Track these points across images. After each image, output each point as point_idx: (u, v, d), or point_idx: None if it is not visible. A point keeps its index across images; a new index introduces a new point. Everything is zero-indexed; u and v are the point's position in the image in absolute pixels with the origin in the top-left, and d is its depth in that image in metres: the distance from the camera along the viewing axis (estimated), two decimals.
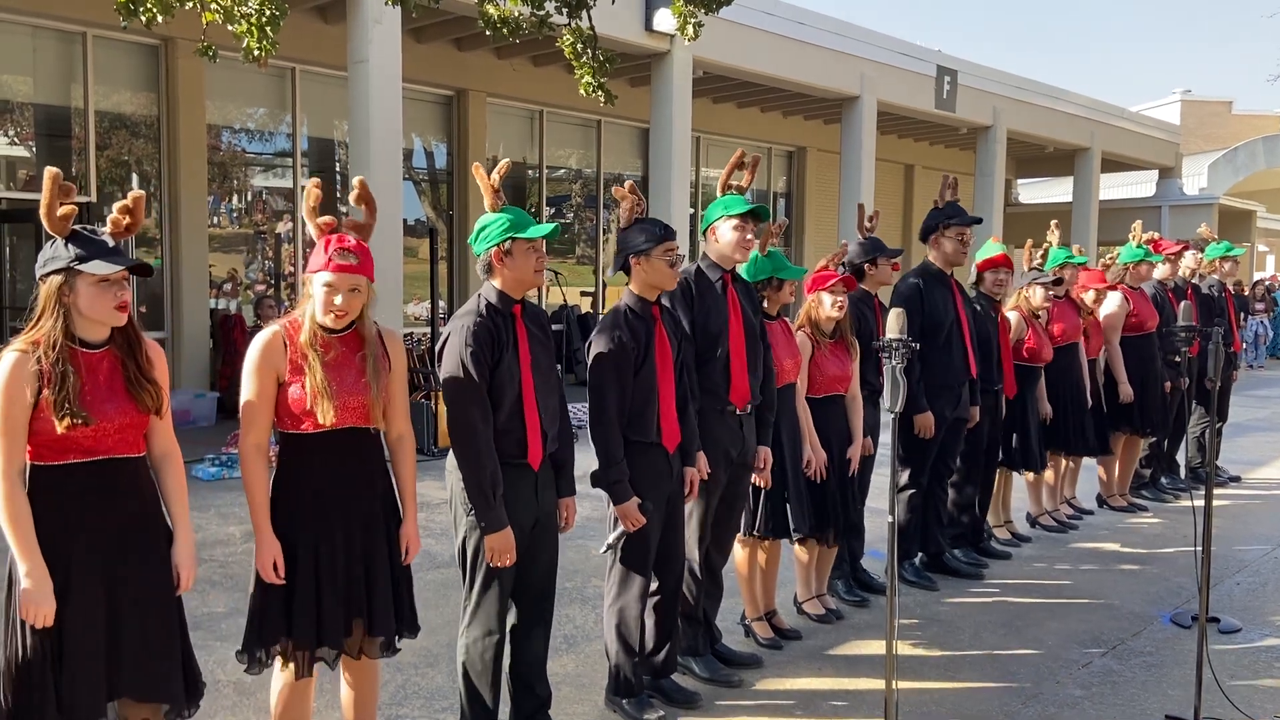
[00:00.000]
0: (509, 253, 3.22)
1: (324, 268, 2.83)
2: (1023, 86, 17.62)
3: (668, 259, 3.59)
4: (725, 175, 4.05)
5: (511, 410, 3.19)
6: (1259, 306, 19.17)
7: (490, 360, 3.15)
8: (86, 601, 2.52)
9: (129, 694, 2.59)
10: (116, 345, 2.60)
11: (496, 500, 3.13)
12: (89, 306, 2.51)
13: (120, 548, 2.57)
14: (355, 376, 2.87)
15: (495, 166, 3.29)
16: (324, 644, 2.88)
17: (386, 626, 2.96)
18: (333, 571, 2.86)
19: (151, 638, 2.61)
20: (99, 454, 2.53)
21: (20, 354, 2.47)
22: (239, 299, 11.69)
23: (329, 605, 2.86)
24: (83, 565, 2.52)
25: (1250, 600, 5.25)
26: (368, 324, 2.93)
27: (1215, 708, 3.81)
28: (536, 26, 5.91)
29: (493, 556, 3.17)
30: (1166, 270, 7.43)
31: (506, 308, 3.24)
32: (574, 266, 15.42)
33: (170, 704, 2.64)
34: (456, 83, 13.03)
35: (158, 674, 2.61)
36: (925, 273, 5.37)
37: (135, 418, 2.59)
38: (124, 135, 10.63)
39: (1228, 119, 31.65)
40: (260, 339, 2.87)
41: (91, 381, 2.52)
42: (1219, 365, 3.86)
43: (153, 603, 2.62)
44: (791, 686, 4.09)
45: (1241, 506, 7.38)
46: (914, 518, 5.41)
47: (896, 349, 2.89)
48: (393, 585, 2.99)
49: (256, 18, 4.82)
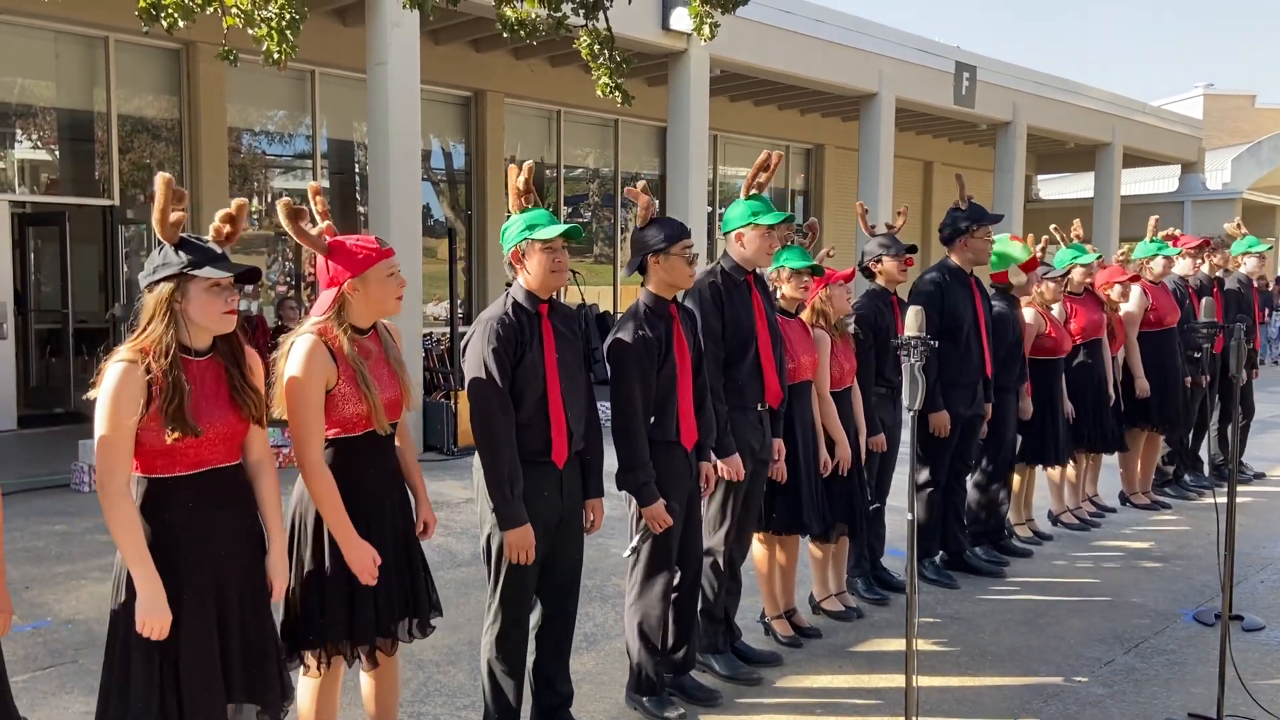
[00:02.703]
0: (525, 254, 3.25)
1: (382, 255, 2.87)
2: (1042, 82, 17.50)
3: (685, 257, 3.61)
4: (751, 178, 4.05)
5: (535, 408, 3.21)
6: None
7: (513, 359, 3.18)
8: (201, 609, 2.51)
9: (236, 697, 2.59)
10: (220, 353, 2.58)
11: (515, 497, 3.16)
12: (200, 312, 2.49)
13: (227, 557, 2.57)
14: (388, 375, 2.93)
15: (520, 167, 3.31)
16: (383, 634, 2.92)
17: (423, 608, 3.03)
18: (386, 567, 2.89)
19: (250, 642, 2.61)
20: (204, 465, 2.52)
21: (129, 363, 2.42)
22: (260, 300, 11.78)
23: (384, 601, 2.90)
24: (195, 576, 2.51)
25: (1274, 598, 5.21)
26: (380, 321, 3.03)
27: (1239, 706, 3.79)
28: (553, 28, 5.93)
29: (511, 553, 3.19)
30: (1189, 266, 7.37)
31: (533, 307, 3.27)
32: (592, 266, 15.44)
33: (265, 705, 2.66)
34: (474, 84, 13.08)
35: (259, 677, 2.63)
36: (945, 270, 5.35)
37: (238, 426, 2.58)
38: (146, 139, 10.73)
39: (1251, 113, 31.31)
40: (305, 349, 2.78)
41: (198, 391, 2.49)
42: (1241, 361, 3.84)
43: (252, 608, 2.63)
44: (812, 684, 4.10)
45: (1265, 504, 7.32)
46: (934, 516, 5.40)
47: (915, 347, 2.89)
48: (424, 572, 3.08)
49: (276, 22, 4.87)
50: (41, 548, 5.96)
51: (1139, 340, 6.82)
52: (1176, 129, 21.85)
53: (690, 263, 3.62)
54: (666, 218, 3.70)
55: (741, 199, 4.04)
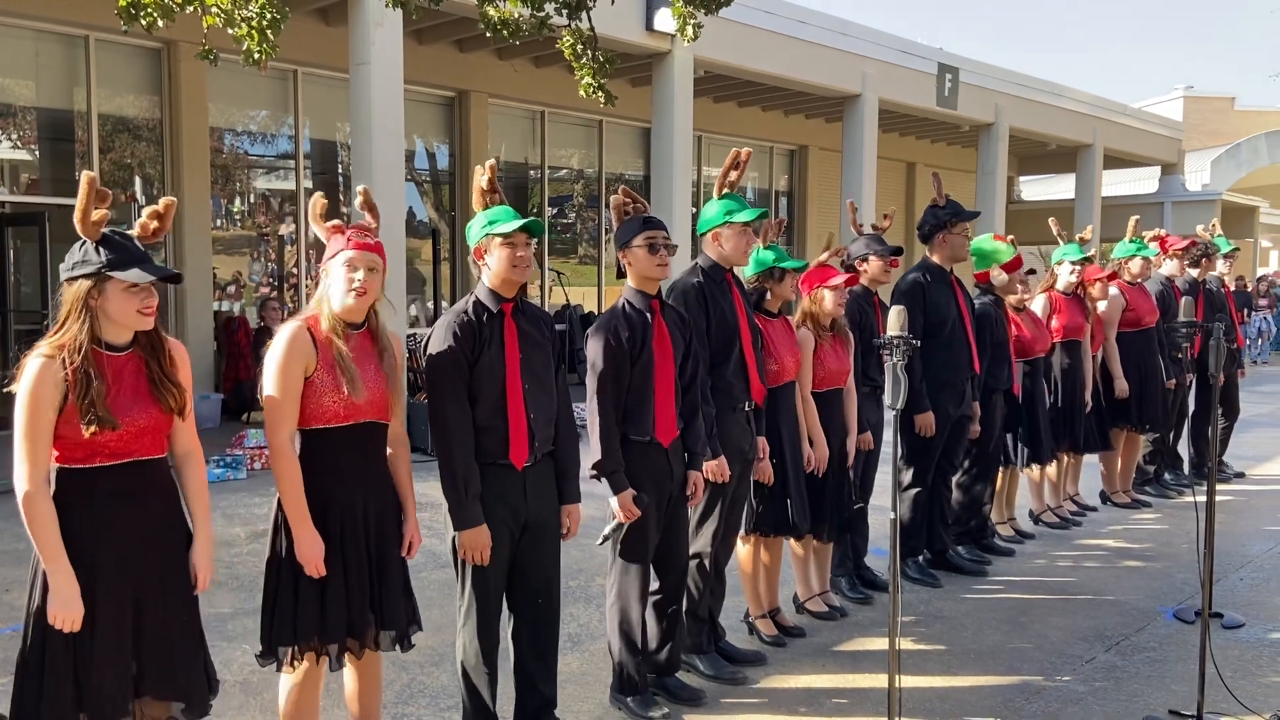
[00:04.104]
0: (487, 250, 3.24)
1: (345, 246, 2.90)
2: (1024, 84, 17.61)
3: (647, 244, 3.61)
4: (722, 177, 4.06)
5: (493, 408, 3.19)
6: (1263, 303, 19.14)
7: (469, 357, 3.16)
8: (114, 603, 2.53)
9: (151, 693, 2.61)
10: (140, 347, 2.61)
11: (470, 497, 3.14)
12: (117, 311, 2.51)
13: (146, 548, 2.59)
14: (375, 371, 2.93)
15: (483, 167, 3.32)
16: (353, 635, 2.91)
17: (397, 621, 2.99)
18: (359, 564, 2.90)
19: (174, 637, 2.63)
20: (124, 456, 2.54)
21: (46, 359, 2.47)
22: (243, 301, 11.72)
23: (357, 599, 2.89)
24: (111, 567, 2.53)
25: (1254, 595, 5.25)
26: (379, 321, 3.01)
27: (1219, 703, 3.81)
28: (536, 28, 5.92)
29: (465, 554, 3.18)
30: (1175, 267, 7.43)
31: (496, 306, 3.25)
32: (576, 266, 15.44)
33: (188, 702, 2.67)
34: (458, 84, 13.05)
35: (178, 673, 2.63)
36: (926, 269, 5.37)
37: (159, 419, 2.60)
38: (127, 138, 10.66)
39: (1230, 115, 31.61)
40: (286, 333, 2.86)
41: (117, 384, 2.53)
42: (1220, 360, 3.87)
43: (175, 602, 2.64)
44: (795, 684, 4.10)
45: (1245, 502, 7.38)
46: (918, 515, 5.42)
47: (898, 346, 2.90)
48: (402, 580, 3.04)
49: (257, 21, 4.84)
50: (23, 550, 5.88)
51: (1118, 341, 6.87)
52: (1157, 131, 22.03)
53: (654, 250, 3.62)
54: (636, 215, 3.70)
55: (715, 198, 4.05)
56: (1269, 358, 19.02)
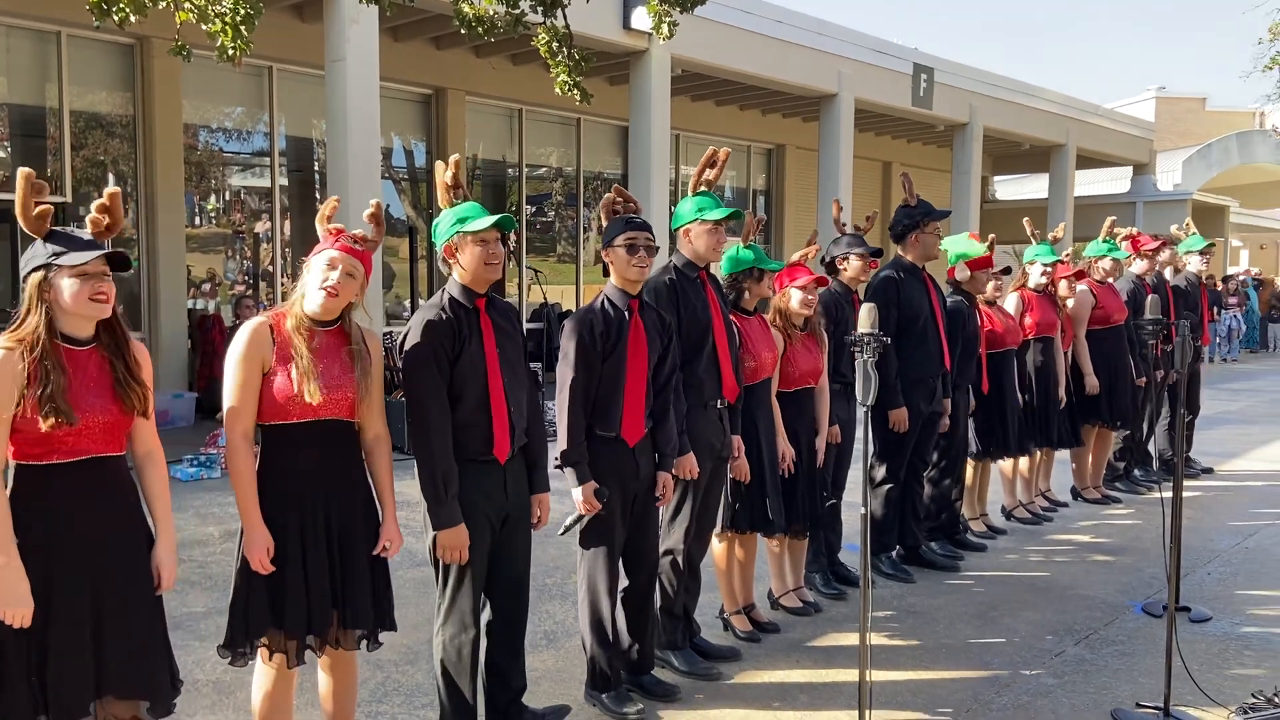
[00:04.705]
0: (458, 247, 3.25)
1: (329, 246, 2.92)
2: (998, 84, 17.75)
3: (625, 245, 3.63)
4: (697, 175, 4.08)
5: (476, 404, 3.20)
6: (1232, 300, 19.38)
7: (450, 354, 3.17)
8: (72, 600, 2.52)
9: (113, 692, 2.60)
10: (103, 344, 2.61)
11: (449, 497, 3.14)
12: (70, 300, 2.51)
13: (104, 547, 2.58)
14: (340, 369, 2.91)
15: (471, 164, 3.32)
16: (313, 632, 2.90)
17: (364, 620, 2.98)
18: (317, 560, 2.89)
19: (135, 636, 2.62)
20: (82, 453, 2.54)
21: (6, 351, 2.46)
22: (218, 299, 11.64)
23: (316, 594, 2.88)
24: (68, 565, 2.52)
25: (1221, 590, 5.33)
26: (352, 322, 3.00)
27: (1185, 695, 3.87)
28: (511, 25, 5.92)
29: (444, 554, 3.18)
30: (1145, 266, 7.52)
31: (470, 302, 3.25)
32: (554, 265, 15.43)
33: (152, 701, 2.66)
34: (435, 81, 13.01)
35: (141, 672, 2.63)
36: (899, 267, 5.42)
37: (120, 418, 2.60)
38: (100, 135, 10.57)
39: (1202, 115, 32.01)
40: (247, 327, 2.90)
41: (79, 379, 2.52)
42: (1185, 357, 3.93)
43: (136, 601, 2.63)
44: (769, 679, 4.13)
45: (1214, 498, 7.48)
46: (891, 511, 5.46)
47: (868, 343, 2.94)
48: (371, 581, 3.01)
49: (231, 17, 4.82)
50: None
51: (1088, 338, 6.95)
52: (1129, 131, 22.26)
53: (633, 252, 3.63)
54: (621, 216, 3.72)
55: (689, 195, 4.07)
56: (1239, 355, 19.26)
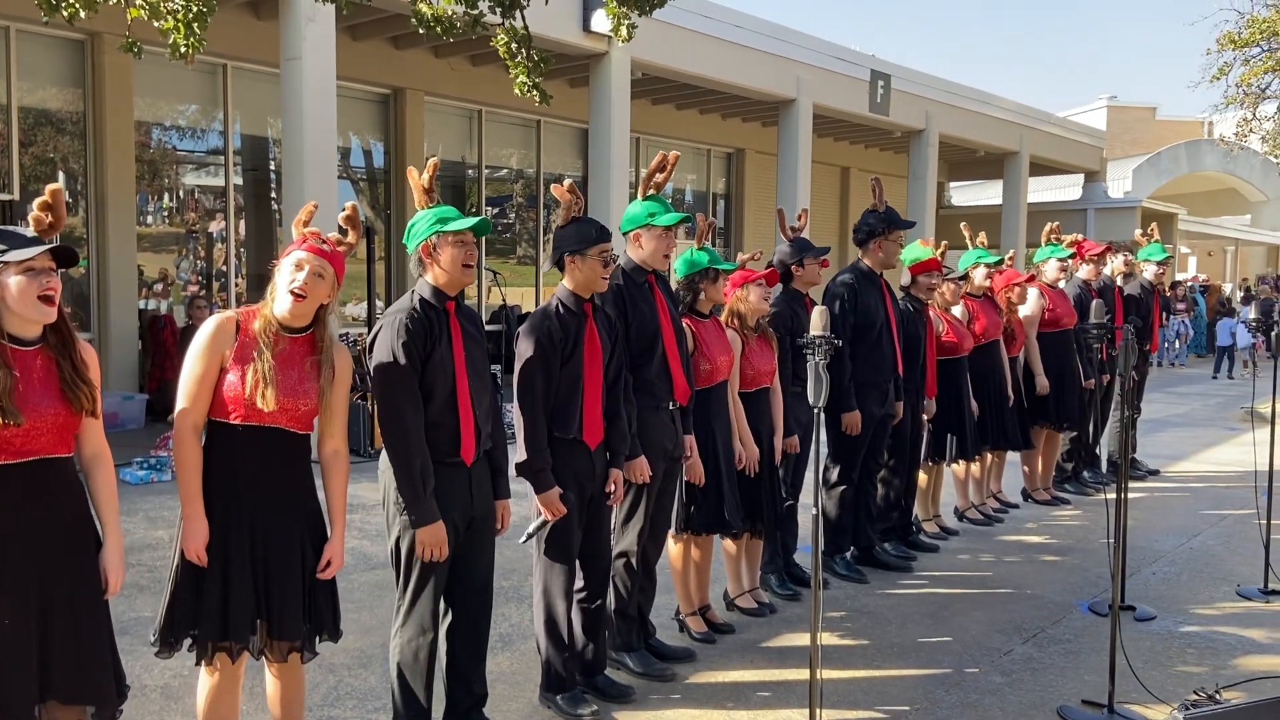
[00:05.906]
0: (436, 248, 3.24)
1: (297, 247, 2.89)
2: (954, 91, 17.99)
3: (602, 259, 3.64)
4: (647, 178, 4.10)
5: (444, 405, 3.20)
6: (1180, 307, 19.79)
7: (422, 353, 3.17)
8: (18, 603, 2.48)
9: (58, 697, 2.56)
10: (50, 344, 2.56)
11: (427, 494, 3.14)
12: (17, 299, 2.46)
13: (51, 549, 2.54)
14: (299, 379, 2.86)
15: (423, 165, 3.32)
16: (229, 638, 2.85)
17: (292, 633, 2.91)
18: (240, 567, 2.84)
19: (82, 640, 2.58)
20: (30, 454, 2.49)
21: None
22: (170, 299, 11.46)
23: (235, 601, 2.83)
24: (14, 567, 2.48)
25: (1165, 589, 5.45)
26: (325, 330, 2.94)
27: (1129, 692, 3.96)
28: (470, 26, 5.91)
29: (424, 551, 3.17)
30: (1091, 271, 7.67)
31: (440, 303, 3.25)
32: (515, 267, 15.38)
33: (98, 706, 2.62)
34: (393, 81, 12.93)
35: (87, 677, 2.59)
36: (857, 272, 5.48)
37: (68, 418, 2.56)
38: (49, 132, 10.36)
39: (1152, 124, 32.67)
40: (213, 320, 2.88)
41: (25, 380, 2.48)
42: (1129, 361, 4.02)
43: (83, 605, 2.59)
44: (723, 679, 4.16)
45: (1159, 499, 7.65)
46: (845, 513, 5.52)
47: (819, 346, 2.97)
48: (307, 593, 2.94)
49: (183, 14, 4.76)
50: None
51: (1037, 342, 7.08)
52: (1081, 139, 22.66)
53: (606, 265, 3.66)
54: (588, 219, 3.73)
55: (639, 199, 4.09)
56: (1186, 360, 19.67)
